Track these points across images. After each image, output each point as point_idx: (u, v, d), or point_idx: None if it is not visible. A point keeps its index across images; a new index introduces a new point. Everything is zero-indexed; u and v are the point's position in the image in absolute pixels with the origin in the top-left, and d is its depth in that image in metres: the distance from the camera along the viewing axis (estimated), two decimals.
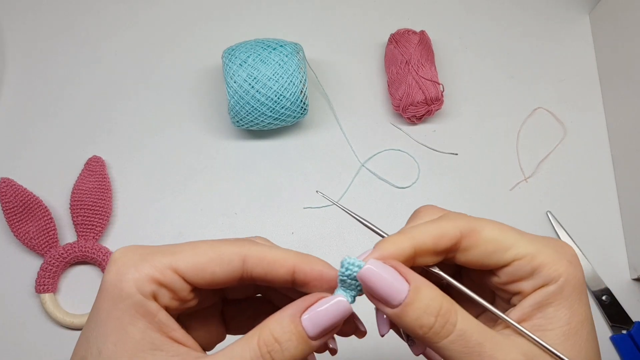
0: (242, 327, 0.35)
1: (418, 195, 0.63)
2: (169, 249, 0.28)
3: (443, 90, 0.63)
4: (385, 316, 0.29)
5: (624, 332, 0.58)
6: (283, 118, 0.60)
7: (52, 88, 0.67)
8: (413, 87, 0.62)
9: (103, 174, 0.61)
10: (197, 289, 0.29)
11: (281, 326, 0.26)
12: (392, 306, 0.26)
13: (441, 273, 0.29)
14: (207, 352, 0.33)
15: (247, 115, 0.59)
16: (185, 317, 0.31)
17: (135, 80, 0.68)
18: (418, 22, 0.70)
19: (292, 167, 0.64)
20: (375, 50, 0.69)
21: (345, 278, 0.28)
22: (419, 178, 0.64)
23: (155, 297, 0.27)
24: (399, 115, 0.66)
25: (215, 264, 0.27)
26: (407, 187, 0.64)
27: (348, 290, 0.28)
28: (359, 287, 0.28)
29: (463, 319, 0.26)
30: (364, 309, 0.31)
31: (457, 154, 0.65)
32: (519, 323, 0.28)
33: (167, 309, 0.28)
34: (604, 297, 0.59)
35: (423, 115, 0.64)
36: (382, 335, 0.29)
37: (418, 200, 0.63)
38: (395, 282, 0.26)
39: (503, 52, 0.70)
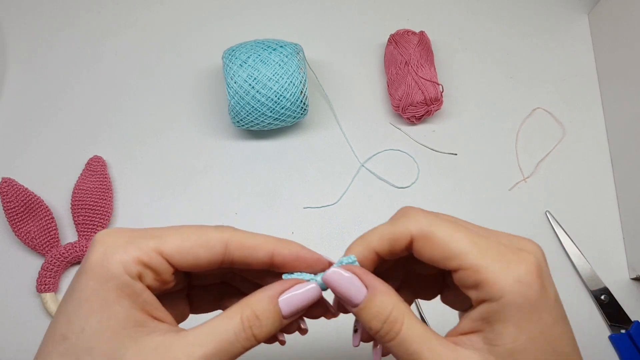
0: (205, 307, 0.37)
1: (417, 195, 0.63)
2: (154, 232, 0.29)
3: (442, 91, 0.64)
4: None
5: (623, 331, 0.58)
6: (283, 118, 0.60)
7: (53, 88, 0.67)
8: (412, 87, 0.63)
9: (104, 174, 0.62)
10: (177, 271, 0.31)
11: (261, 305, 0.29)
12: (352, 306, 0.30)
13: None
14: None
15: (248, 116, 0.59)
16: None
17: (136, 80, 0.68)
18: (417, 22, 0.70)
19: (292, 167, 0.64)
20: (375, 51, 0.70)
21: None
22: (418, 178, 0.64)
23: (140, 278, 0.28)
24: (399, 116, 0.66)
25: (199, 248, 0.29)
26: (406, 187, 0.64)
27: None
28: None
29: (408, 327, 0.29)
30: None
31: (456, 154, 0.65)
32: (469, 334, 0.29)
33: (149, 288, 0.29)
34: (602, 297, 0.59)
35: (422, 115, 0.64)
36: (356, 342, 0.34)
37: (417, 200, 0.63)
38: (353, 287, 0.30)
39: (502, 53, 0.70)
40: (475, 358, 0.28)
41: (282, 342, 0.33)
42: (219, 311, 0.36)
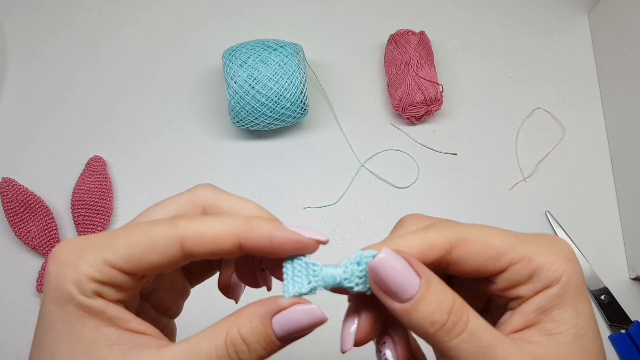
0: (206, 275, 0.34)
1: (417, 195, 0.63)
2: (103, 240, 0.26)
3: (442, 91, 0.64)
4: (352, 329, 0.27)
5: (623, 331, 0.58)
6: (283, 118, 0.60)
7: (53, 88, 0.67)
8: (412, 87, 0.63)
9: (104, 174, 0.62)
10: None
11: (251, 327, 0.25)
12: (402, 300, 0.25)
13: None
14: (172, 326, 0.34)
15: (248, 116, 0.59)
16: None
17: (136, 81, 0.68)
18: (417, 22, 0.70)
19: (292, 167, 0.64)
20: (375, 51, 0.70)
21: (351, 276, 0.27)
22: (418, 178, 0.64)
23: (100, 295, 0.25)
24: (399, 116, 0.66)
25: (152, 253, 0.25)
26: (406, 187, 0.64)
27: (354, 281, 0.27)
28: (358, 284, 0.27)
29: (474, 318, 0.25)
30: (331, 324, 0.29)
31: (456, 154, 0.65)
32: (524, 329, 0.27)
33: (118, 301, 0.26)
34: (602, 297, 0.59)
35: (422, 115, 0.64)
36: (344, 352, 0.27)
37: (417, 200, 0.63)
38: (407, 274, 0.25)
39: (502, 53, 0.70)
40: (541, 352, 0.25)
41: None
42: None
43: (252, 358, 0.25)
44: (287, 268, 0.27)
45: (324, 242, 0.27)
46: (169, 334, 0.33)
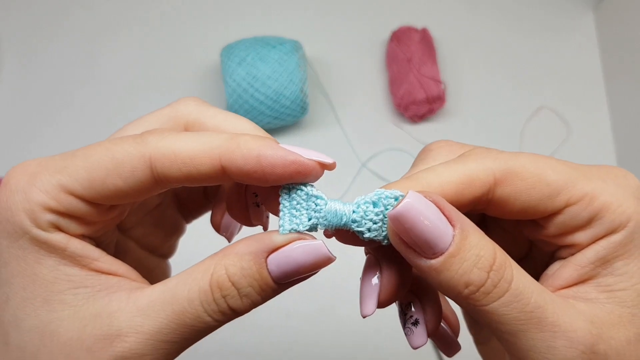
0: (203, 209, 0.29)
1: None
2: (60, 162, 0.21)
3: (445, 89, 0.63)
4: (373, 289, 0.23)
5: None
6: (283, 117, 0.59)
7: (51, 89, 0.67)
8: (414, 85, 0.62)
9: None
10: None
11: (241, 267, 0.21)
12: (431, 256, 0.20)
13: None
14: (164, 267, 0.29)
15: (246, 114, 0.58)
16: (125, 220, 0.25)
17: (134, 79, 0.67)
18: (420, 19, 0.69)
19: None
20: (377, 48, 0.69)
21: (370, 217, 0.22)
22: None
23: (59, 228, 0.21)
24: (401, 114, 0.65)
25: (115, 176, 0.21)
26: None
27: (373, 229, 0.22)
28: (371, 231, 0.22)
29: (519, 274, 0.20)
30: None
31: None
32: (579, 284, 0.22)
33: (85, 236, 0.22)
34: None
35: (425, 114, 0.63)
36: (365, 316, 0.23)
37: None
38: (439, 224, 0.20)
39: (506, 50, 0.69)
40: (598, 313, 0.21)
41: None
42: None
43: (244, 304, 0.21)
44: (284, 199, 0.22)
45: (330, 167, 0.23)
46: (161, 275, 0.29)
